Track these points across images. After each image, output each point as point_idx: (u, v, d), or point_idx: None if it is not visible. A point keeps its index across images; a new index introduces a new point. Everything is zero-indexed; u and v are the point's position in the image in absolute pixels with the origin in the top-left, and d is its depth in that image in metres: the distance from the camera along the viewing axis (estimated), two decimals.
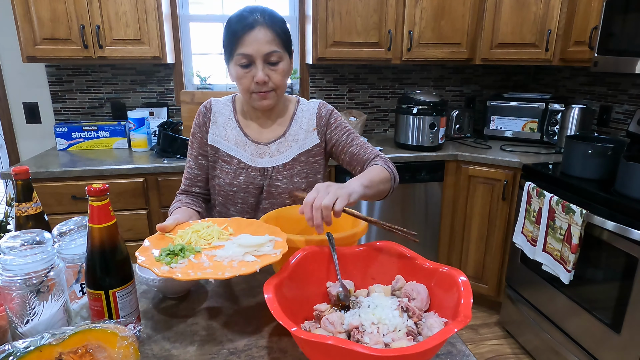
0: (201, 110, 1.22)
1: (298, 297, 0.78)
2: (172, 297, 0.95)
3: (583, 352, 1.79)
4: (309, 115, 1.22)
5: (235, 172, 1.18)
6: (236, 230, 0.91)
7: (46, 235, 0.72)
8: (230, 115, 1.21)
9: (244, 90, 1.11)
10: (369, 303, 0.73)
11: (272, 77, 1.07)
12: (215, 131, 1.20)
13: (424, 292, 0.75)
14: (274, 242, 0.82)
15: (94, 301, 0.74)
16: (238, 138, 1.19)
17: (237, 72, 1.08)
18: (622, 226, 1.58)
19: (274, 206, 1.19)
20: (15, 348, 0.58)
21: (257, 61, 1.05)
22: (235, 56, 1.06)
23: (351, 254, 0.85)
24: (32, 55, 2.14)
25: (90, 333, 0.61)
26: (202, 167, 1.23)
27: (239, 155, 1.19)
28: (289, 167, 1.19)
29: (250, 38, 1.03)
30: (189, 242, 0.84)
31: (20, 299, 0.69)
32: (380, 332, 0.66)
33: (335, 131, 1.22)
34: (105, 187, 0.72)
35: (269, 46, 1.04)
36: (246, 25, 1.03)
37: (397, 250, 0.83)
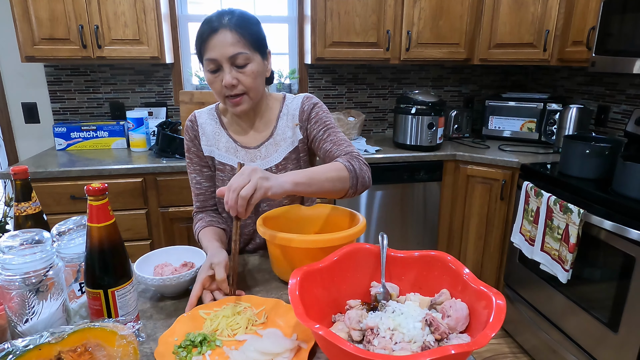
0: (188, 125, 1.21)
1: (337, 289, 0.79)
2: (170, 296, 0.95)
3: (581, 351, 1.80)
4: (293, 111, 1.20)
5: (229, 179, 1.14)
6: (270, 316, 0.85)
7: (45, 234, 0.72)
8: (217, 124, 1.21)
9: (217, 95, 1.10)
10: (394, 309, 0.72)
11: (241, 80, 1.05)
12: (207, 141, 1.20)
13: (463, 311, 0.71)
14: (295, 350, 0.74)
15: (93, 300, 0.74)
16: (228, 145, 1.19)
17: (207, 78, 1.08)
18: (619, 225, 1.58)
19: (272, 207, 1.19)
20: (14, 347, 0.58)
21: (223, 65, 1.03)
22: (204, 62, 1.06)
23: (405, 259, 0.84)
24: (31, 55, 2.14)
25: (90, 332, 0.62)
26: (210, 178, 1.22)
27: (231, 162, 1.18)
28: (282, 167, 1.18)
29: (214, 42, 1.02)
30: (214, 330, 0.79)
31: (19, 298, 0.69)
32: (394, 339, 0.65)
33: (314, 126, 1.19)
34: (104, 186, 0.72)
35: (234, 48, 1.02)
36: (210, 29, 1.02)
37: (453, 264, 0.78)
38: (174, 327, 0.79)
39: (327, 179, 0.99)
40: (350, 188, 1.04)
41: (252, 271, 1.08)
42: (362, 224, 0.98)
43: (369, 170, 1.10)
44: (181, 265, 0.99)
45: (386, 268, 0.83)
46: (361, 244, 0.85)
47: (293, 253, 0.95)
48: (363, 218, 1.01)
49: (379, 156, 2.33)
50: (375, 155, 2.33)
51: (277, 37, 2.79)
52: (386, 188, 2.41)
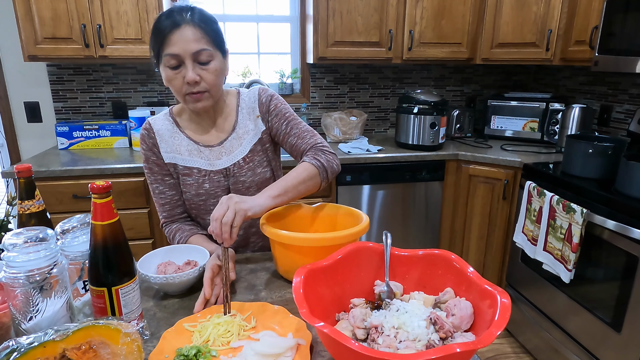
0: (143, 134, 1.17)
1: (341, 287, 0.79)
2: (173, 294, 0.95)
3: (583, 350, 1.79)
4: (251, 104, 1.20)
5: (198, 182, 1.16)
6: (259, 320, 0.84)
7: (49, 232, 0.72)
8: (174, 129, 1.17)
9: (177, 92, 1.06)
10: (399, 307, 0.72)
11: (204, 77, 1.04)
12: (167, 148, 1.16)
13: (467, 310, 0.70)
14: (295, 348, 0.74)
15: (96, 298, 0.74)
16: (190, 148, 1.16)
17: (167, 74, 1.04)
18: (622, 225, 1.58)
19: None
20: (19, 344, 0.58)
21: (186, 61, 1.01)
22: (164, 57, 1.02)
23: (408, 258, 0.83)
24: (34, 55, 2.14)
25: (94, 329, 0.62)
26: (173, 187, 1.19)
27: (197, 164, 1.16)
28: (249, 159, 1.17)
29: (177, 37, 0.99)
30: (206, 341, 0.77)
31: (23, 295, 0.69)
32: (398, 337, 0.65)
33: (275, 119, 1.19)
34: (108, 184, 0.72)
35: (197, 44, 1.01)
36: (172, 24, 0.99)
37: (457, 263, 0.78)
38: (161, 345, 0.75)
39: (300, 183, 1.06)
40: (322, 181, 1.11)
41: (255, 270, 1.08)
42: (366, 223, 0.98)
43: (335, 158, 1.16)
44: (184, 263, 0.99)
45: (390, 267, 0.83)
46: (365, 242, 0.85)
47: (296, 252, 0.94)
48: (366, 217, 1.01)
49: (381, 156, 2.33)
50: (377, 155, 2.33)
51: (279, 37, 2.79)
52: (388, 187, 2.41)
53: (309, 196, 2.24)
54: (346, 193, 2.36)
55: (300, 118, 1.22)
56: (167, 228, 1.21)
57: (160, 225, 1.23)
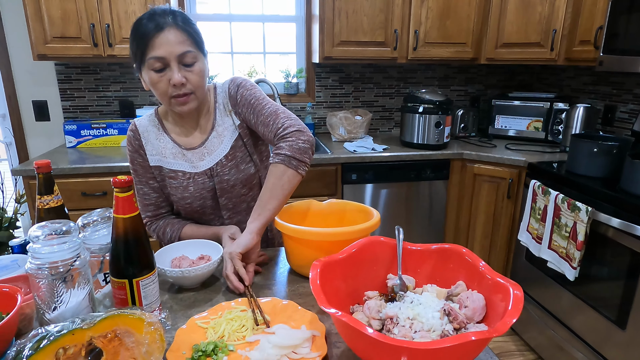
0: (130, 136, 1.17)
1: (355, 280, 0.81)
2: (188, 288, 0.97)
3: (588, 348, 1.81)
4: (224, 99, 1.18)
5: (183, 185, 1.15)
6: (271, 314, 0.85)
7: (72, 225, 0.74)
8: (160, 131, 1.17)
9: (162, 95, 1.05)
10: (412, 299, 0.73)
11: (189, 78, 1.03)
12: (152, 150, 1.16)
13: (480, 302, 0.72)
14: (310, 339, 0.75)
15: (118, 289, 0.76)
16: (174, 151, 1.16)
17: (151, 78, 1.02)
18: (627, 223, 1.60)
19: (232, 199, 1.18)
20: (48, 332, 0.60)
21: (171, 63, 1.00)
22: (148, 61, 1.00)
23: (421, 252, 0.85)
24: (43, 54, 2.16)
25: (119, 318, 0.64)
26: (157, 189, 1.20)
27: (181, 167, 1.16)
28: (231, 157, 1.16)
29: (161, 40, 0.99)
30: (221, 336, 0.78)
31: (48, 286, 0.71)
32: (413, 328, 0.67)
33: (243, 109, 1.15)
34: (130, 179, 0.74)
35: (182, 46, 1.00)
36: (156, 27, 0.99)
37: (469, 257, 0.80)
38: (177, 342, 0.76)
39: (274, 188, 1.02)
40: (297, 169, 1.04)
41: (268, 265, 1.10)
42: (377, 218, 1.00)
43: (300, 134, 1.06)
44: (198, 258, 1.01)
45: (402, 261, 0.85)
46: (377, 237, 0.87)
47: (309, 246, 0.96)
48: (377, 212, 1.03)
49: (387, 154, 2.34)
50: (382, 154, 2.34)
51: (284, 37, 2.81)
52: (393, 186, 2.42)
53: (316, 195, 2.27)
54: (351, 191, 2.38)
55: (266, 99, 1.14)
56: (154, 225, 1.21)
57: (145, 224, 1.21)
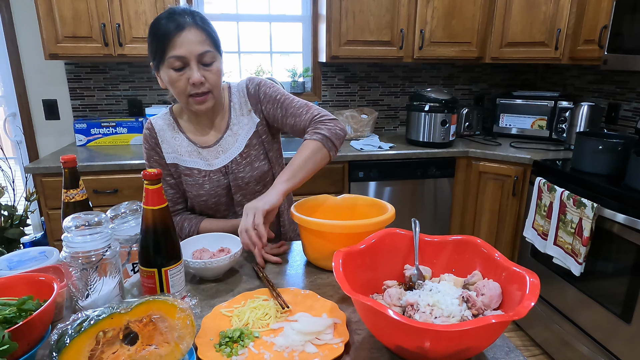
0: (146, 134, 1.20)
1: (373, 271, 0.84)
2: (209, 279, 1.00)
3: (593, 342, 1.84)
4: (241, 98, 1.21)
5: (199, 182, 1.18)
6: (292, 303, 0.87)
7: (104, 216, 0.77)
8: (175, 129, 1.19)
9: (180, 94, 1.07)
10: (431, 287, 0.76)
11: (208, 77, 1.06)
12: (168, 149, 1.19)
13: (496, 290, 0.74)
14: (332, 326, 0.78)
15: (147, 278, 0.78)
16: (190, 149, 1.19)
17: (170, 76, 1.05)
18: (632, 219, 1.62)
19: (247, 196, 1.21)
20: (88, 316, 0.63)
21: (191, 62, 1.03)
22: (168, 60, 1.03)
23: (437, 243, 0.88)
24: (54, 53, 2.19)
25: (154, 304, 0.66)
26: (174, 186, 1.22)
27: (196, 165, 1.18)
28: (245, 154, 1.19)
29: (182, 39, 1.01)
30: (246, 324, 0.80)
31: (81, 274, 0.74)
32: (433, 314, 0.70)
33: (268, 106, 1.19)
34: (159, 172, 0.77)
35: (202, 46, 1.03)
36: (176, 27, 1.01)
37: (484, 247, 0.82)
38: (203, 329, 0.79)
39: (306, 161, 1.09)
40: (330, 150, 1.13)
41: (286, 257, 1.13)
42: (392, 212, 1.02)
43: (337, 123, 1.16)
44: (218, 250, 1.04)
45: (419, 252, 0.88)
46: (394, 229, 0.90)
47: (327, 238, 0.99)
48: (391, 207, 1.06)
49: (393, 152, 2.37)
50: (389, 152, 2.37)
51: (290, 36, 2.84)
52: (399, 184, 2.45)
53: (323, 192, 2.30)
54: (358, 189, 2.40)
55: (291, 95, 1.21)
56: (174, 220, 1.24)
57: None
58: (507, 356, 0.73)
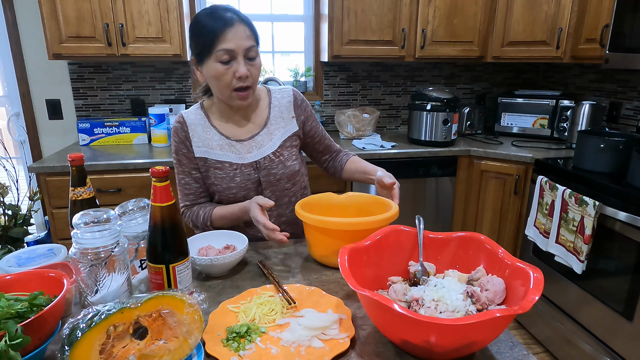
0: (177, 127, 1.22)
1: (378, 267, 0.85)
2: (215, 276, 1.01)
3: (595, 340, 1.84)
4: (285, 103, 1.28)
5: (230, 175, 1.21)
6: (298, 299, 0.88)
7: (112, 213, 0.78)
8: (206, 123, 1.23)
9: (225, 87, 1.11)
10: (436, 283, 0.77)
11: (251, 72, 1.11)
12: (198, 142, 1.21)
13: (500, 286, 0.75)
14: (338, 322, 0.79)
15: (155, 275, 0.80)
16: (221, 143, 1.22)
17: (217, 70, 1.09)
18: (634, 216, 1.63)
19: (276, 192, 1.25)
20: (98, 310, 0.64)
21: (238, 56, 1.08)
22: (216, 53, 1.07)
23: (441, 240, 0.89)
24: (58, 53, 2.20)
25: (163, 299, 0.67)
26: (198, 180, 1.25)
27: (228, 158, 1.21)
28: (278, 153, 1.24)
29: (231, 34, 1.06)
30: (252, 320, 0.81)
31: (90, 270, 0.75)
32: (438, 309, 0.71)
33: (312, 123, 1.32)
34: (167, 169, 0.78)
35: (249, 41, 1.09)
36: (226, 22, 1.06)
37: (487, 244, 0.83)
38: (211, 325, 0.79)
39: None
40: None
41: (290, 255, 1.14)
42: (396, 209, 1.03)
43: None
44: (224, 247, 1.05)
45: (423, 248, 0.89)
46: (399, 225, 0.91)
47: (332, 236, 1.00)
48: (395, 204, 1.07)
49: (395, 151, 2.38)
50: (391, 151, 2.38)
51: (293, 36, 2.84)
52: (401, 183, 2.41)
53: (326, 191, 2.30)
54: (360, 188, 2.41)
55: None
56: (188, 211, 1.26)
57: (181, 212, 1.27)
58: (512, 351, 0.74)
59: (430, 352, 0.67)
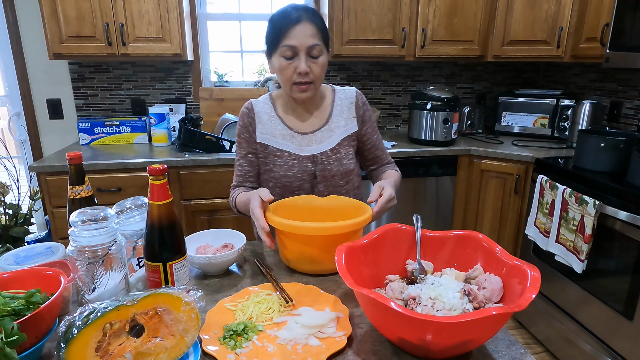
0: (244, 112, 1.30)
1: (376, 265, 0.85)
2: (213, 274, 1.01)
3: (596, 340, 1.84)
4: (347, 103, 1.32)
5: (288, 164, 1.26)
6: (295, 298, 0.88)
7: (110, 211, 0.78)
8: (272, 112, 1.29)
9: (286, 81, 1.17)
10: (433, 281, 0.77)
11: (313, 69, 1.15)
12: (262, 129, 1.28)
13: (497, 284, 0.75)
14: (335, 320, 0.79)
15: (152, 273, 0.80)
16: (284, 132, 1.27)
17: (280, 64, 1.15)
18: (634, 216, 1.63)
19: (329, 187, 1.28)
20: (95, 308, 0.64)
21: (300, 53, 1.13)
22: (280, 48, 1.13)
23: (439, 238, 0.89)
24: (59, 53, 2.21)
25: (160, 297, 0.67)
26: (252, 164, 1.31)
27: (288, 148, 1.26)
28: (336, 151, 1.28)
29: (296, 31, 1.11)
30: (249, 318, 0.81)
31: (87, 269, 0.75)
32: (435, 307, 0.71)
33: (368, 129, 1.34)
34: (164, 167, 0.78)
35: (313, 39, 1.13)
36: (292, 19, 1.12)
37: (485, 242, 0.84)
38: (208, 323, 0.80)
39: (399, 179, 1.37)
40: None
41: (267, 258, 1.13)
42: (368, 215, 0.98)
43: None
44: (222, 246, 1.05)
45: (421, 247, 0.89)
46: (397, 224, 0.91)
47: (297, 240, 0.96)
48: (370, 209, 1.02)
49: (395, 151, 2.38)
50: (391, 150, 2.38)
51: None
52: (402, 182, 2.45)
53: None
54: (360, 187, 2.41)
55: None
56: (232, 191, 1.33)
57: (231, 187, 1.35)
58: (509, 349, 0.74)
59: (427, 350, 0.67)
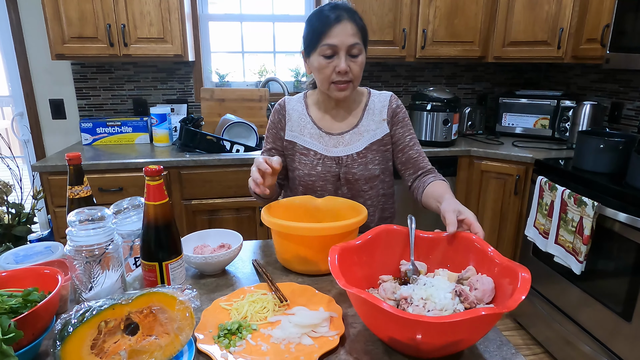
0: (276, 109, 1.31)
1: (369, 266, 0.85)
2: (210, 274, 1.02)
3: (594, 341, 1.84)
4: (380, 106, 1.30)
5: (313, 163, 1.27)
6: (289, 297, 0.89)
7: (107, 211, 0.79)
8: (303, 111, 1.30)
9: (325, 79, 1.17)
10: (425, 282, 0.78)
11: (352, 68, 1.15)
12: (292, 127, 1.29)
13: (489, 285, 0.76)
14: (329, 320, 0.80)
15: (148, 272, 0.81)
16: (312, 131, 1.28)
17: (319, 63, 1.15)
18: (633, 217, 1.63)
19: (352, 191, 1.29)
20: (90, 306, 0.65)
21: (340, 52, 1.12)
22: (320, 47, 1.13)
23: (432, 239, 0.90)
24: (61, 53, 2.23)
25: (154, 295, 0.69)
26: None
27: (314, 147, 1.27)
28: (362, 155, 1.27)
29: (337, 30, 1.11)
30: (244, 317, 0.82)
31: (85, 268, 0.77)
32: (427, 307, 0.71)
33: (401, 130, 1.30)
34: (160, 168, 0.79)
35: (353, 38, 1.12)
36: (333, 19, 1.12)
37: (477, 243, 0.84)
38: (203, 322, 0.80)
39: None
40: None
41: None
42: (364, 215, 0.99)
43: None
44: (219, 246, 1.06)
45: (414, 247, 0.89)
46: (391, 225, 0.92)
47: (293, 241, 0.97)
48: (365, 210, 1.03)
49: None
50: None
51: (294, 36, 2.85)
52: (401, 182, 2.45)
53: None
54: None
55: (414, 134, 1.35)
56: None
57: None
58: (499, 349, 0.74)
59: (417, 349, 0.68)
